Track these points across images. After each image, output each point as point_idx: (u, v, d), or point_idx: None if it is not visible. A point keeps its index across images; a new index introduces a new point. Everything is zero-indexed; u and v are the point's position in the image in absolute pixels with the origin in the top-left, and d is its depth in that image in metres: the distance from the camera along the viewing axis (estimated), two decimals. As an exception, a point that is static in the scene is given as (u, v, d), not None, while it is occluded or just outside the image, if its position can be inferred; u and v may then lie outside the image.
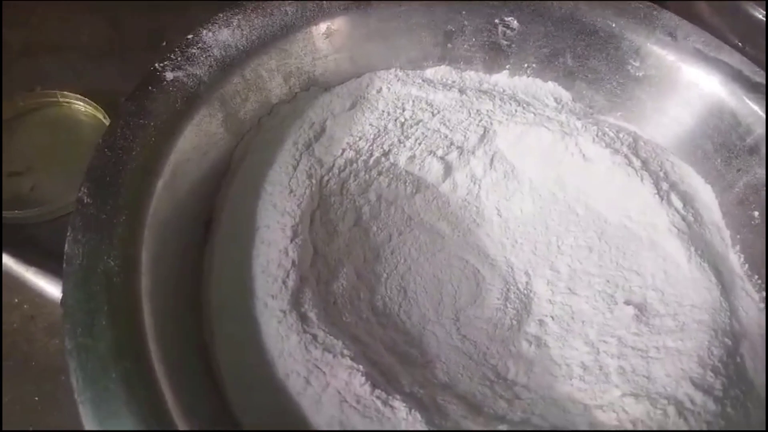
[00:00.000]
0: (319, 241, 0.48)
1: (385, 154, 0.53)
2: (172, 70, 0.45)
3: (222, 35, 0.48)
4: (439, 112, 0.55)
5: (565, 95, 0.59)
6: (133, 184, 0.40)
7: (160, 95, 0.44)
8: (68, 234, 0.37)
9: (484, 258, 0.53)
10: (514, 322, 0.48)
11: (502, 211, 0.55)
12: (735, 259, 0.50)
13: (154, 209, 0.40)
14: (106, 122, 0.58)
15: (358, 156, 0.52)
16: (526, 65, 0.59)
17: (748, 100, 0.51)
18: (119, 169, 0.40)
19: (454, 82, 0.59)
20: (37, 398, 0.46)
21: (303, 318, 0.42)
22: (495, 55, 0.60)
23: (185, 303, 0.42)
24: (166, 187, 0.42)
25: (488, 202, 0.56)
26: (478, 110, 0.56)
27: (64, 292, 0.35)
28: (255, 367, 0.40)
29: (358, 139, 0.52)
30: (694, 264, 0.47)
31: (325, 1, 0.53)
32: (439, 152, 0.55)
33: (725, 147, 0.52)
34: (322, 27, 0.53)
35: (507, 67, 0.60)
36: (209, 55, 0.47)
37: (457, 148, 0.55)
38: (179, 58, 0.46)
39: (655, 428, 0.39)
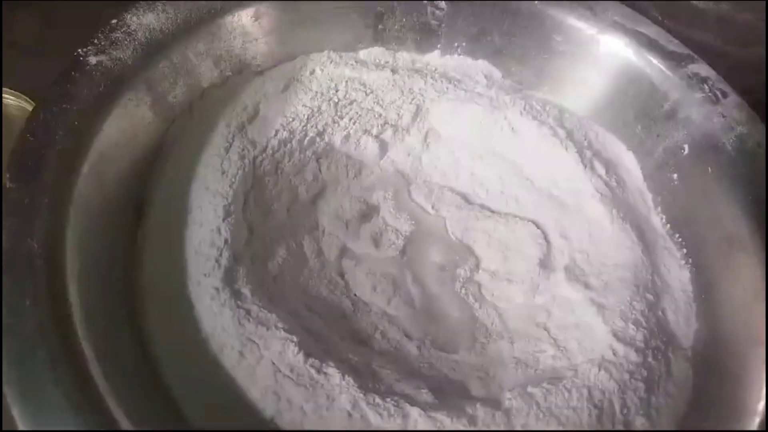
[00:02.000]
0: (254, 221, 0.48)
1: (320, 134, 0.54)
2: (96, 54, 0.45)
3: (147, 19, 0.48)
4: (372, 91, 0.56)
5: (495, 72, 0.61)
6: (56, 167, 0.39)
7: (83, 80, 0.44)
8: (-8, 219, 0.37)
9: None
10: (456, 291, 0.50)
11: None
12: (657, 220, 0.53)
13: (79, 191, 0.40)
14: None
15: (292, 136, 0.53)
16: (456, 44, 0.61)
17: (664, 68, 0.53)
18: (42, 154, 0.40)
19: (387, 62, 0.60)
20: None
21: (236, 294, 0.42)
22: (426, 35, 0.61)
23: (116, 284, 0.42)
24: (92, 170, 0.42)
25: (425, 178, 0.57)
26: (410, 89, 0.57)
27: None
28: (189, 344, 0.40)
29: (291, 120, 0.53)
30: (616, 226, 0.50)
31: (252, -16, 0.53)
32: (374, 131, 0.56)
33: (644, 114, 0.54)
34: (251, 10, 0.54)
35: (438, 46, 0.61)
36: (134, 39, 0.47)
37: (392, 126, 0.56)
38: (103, 43, 0.46)
39: (577, 380, 0.41)
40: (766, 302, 0.43)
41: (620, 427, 0.40)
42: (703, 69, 0.53)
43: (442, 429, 0.38)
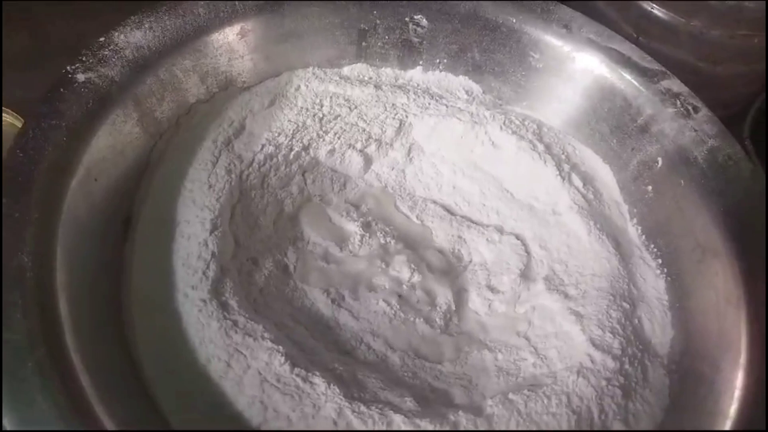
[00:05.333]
0: (240, 234, 0.49)
1: (305, 148, 0.55)
2: (84, 72, 0.46)
3: (134, 37, 0.49)
4: (356, 107, 0.57)
5: (476, 88, 0.62)
6: (45, 182, 0.40)
7: (72, 96, 0.44)
8: (-19, 233, 0.37)
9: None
10: (440, 302, 0.51)
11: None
12: (633, 231, 0.54)
13: (68, 206, 0.41)
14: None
15: (277, 151, 0.54)
16: (437, 61, 0.62)
17: (637, 84, 0.55)
18: (31, 169, 0.40)
19: (370, 78, 0.62)
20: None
21: (223, 306, 0.43)
22: (408, 52, 0.62)
23: (104, 297, 0.43)
24: (80, 185, 0.43)
25: (409, 191, 0.58)
26: (393, 104, 0.58)
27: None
28: (176, 356, 0.41)
29: (277, 135, 0.54)
30: (593, 237, 0.51)
31: (237, 2, 0.54)
32: (358, 145, 0.57)
33: (619, 128, 0.56)
34: (236, 27, 0.55)
35: (420, 63, 0.63)
36: (121, 57, 0.48)
37: (375, 140, 0.57)
38: (91, 60, 0.47)
39: (556, 386, 0.42)
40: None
41: (598, 433, 0.41)
42: (675, 84, 0.55)
43: (425, 437, 0.39)
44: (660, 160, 0.53)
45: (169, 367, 0.40)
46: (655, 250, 0.53)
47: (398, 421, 0.39)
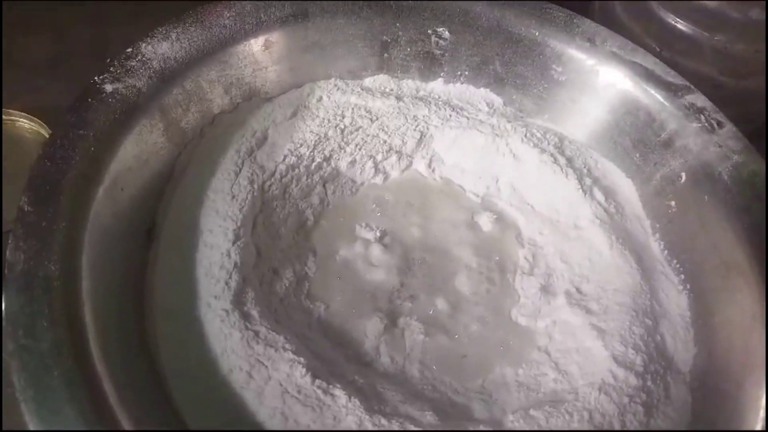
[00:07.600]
0: (262, 244, 0.50)
1: (327, 159, 0.56)
2: (111, 82, 0.47)
3: (161, 48, 0.50)
4: (377, 118, 0.58)
5: (497, 100, 0.62)
6: (72, 192, 0.41)
7: (99, 107, 0.45)
8: (10, 242, 0.38)
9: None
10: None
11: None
12: (655, 246, 0.54)
13: (94, 216, 0.41)
14: (50, 138, 0.58)
15: (299, 162, 0.54)
16: (459, 73, 0.62)
17: (661, 98, 0.54)
18: (59, 178, 0.41)
19: (391, 90, 0.62)
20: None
21: (245, 316, 0.43)
22: (430, 64, 0.62)
23: (128, 306, 0.43)
24: (106, 194, 0.43)
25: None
26: (414, 116, 0.58)
27: (5, 297, 0.36)
28: (198, 365, 0.41)
29: (299, 145, 0.54)
30: (615, 251, 0.51)
31: (263, 14, 0.55)
32: (379, 156, 0.57)
33: (642, 142, 0.56)
34: (261, 39, 0.55)
35: (441, 75, 0.63)
36: (148, 67, 0.49)
37: (396, 152, 0.58)
38: (118, 71, 0.47)
39: (578, 403, 0.41)
40: (766, 326, 0.44)
41: (620, 451, 0.41)
42: (699, 99, 0.54)
43: (445, 451, 0.39)
44: (683, 175, 0.53)
45: (192, 375, 0.41)
46: (678, 265, 0.52)
47: (419, 435, 0.39)
